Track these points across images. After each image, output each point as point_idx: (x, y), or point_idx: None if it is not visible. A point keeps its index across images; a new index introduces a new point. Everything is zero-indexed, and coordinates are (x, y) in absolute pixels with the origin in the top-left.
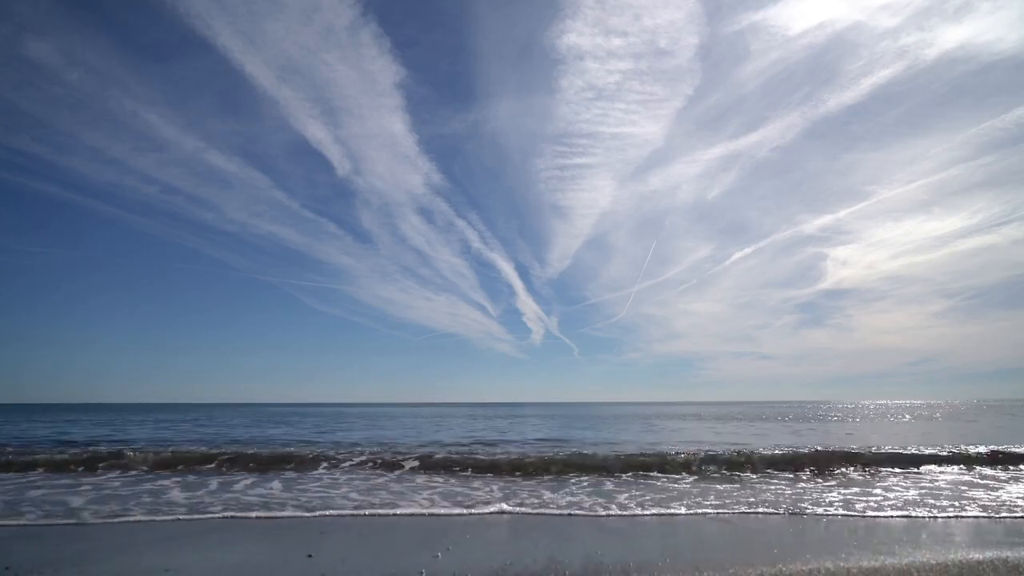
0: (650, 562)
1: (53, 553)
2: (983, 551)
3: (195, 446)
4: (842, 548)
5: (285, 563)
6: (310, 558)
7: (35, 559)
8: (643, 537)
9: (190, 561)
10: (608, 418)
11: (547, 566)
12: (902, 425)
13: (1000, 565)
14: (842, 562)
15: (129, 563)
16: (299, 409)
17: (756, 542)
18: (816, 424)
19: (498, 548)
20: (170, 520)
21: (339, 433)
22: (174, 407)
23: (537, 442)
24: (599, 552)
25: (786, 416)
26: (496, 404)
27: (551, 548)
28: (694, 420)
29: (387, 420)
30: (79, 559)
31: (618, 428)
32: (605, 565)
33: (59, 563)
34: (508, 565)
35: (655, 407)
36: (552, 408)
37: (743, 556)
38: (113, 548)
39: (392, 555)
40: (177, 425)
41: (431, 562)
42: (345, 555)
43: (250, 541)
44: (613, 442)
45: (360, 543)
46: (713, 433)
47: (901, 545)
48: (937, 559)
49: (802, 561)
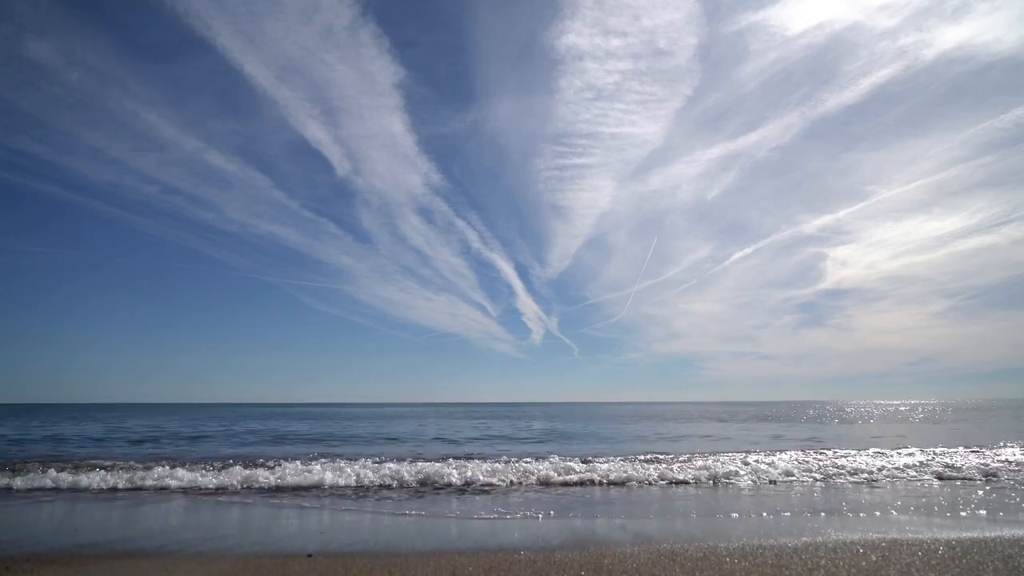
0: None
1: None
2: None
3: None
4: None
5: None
6: (310, 557)
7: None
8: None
9: (191, 561)
10: (593, 418)
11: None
12: (866, 426)
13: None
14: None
15: (130, 563)
16: (299, 410)
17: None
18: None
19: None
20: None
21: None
22: (174, 408)
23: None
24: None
25: (773, 417)
26: (496, 404)
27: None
28: (690, 420)
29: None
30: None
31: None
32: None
33: (60, 562)
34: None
35: (655, 407)
36: (549, 408)
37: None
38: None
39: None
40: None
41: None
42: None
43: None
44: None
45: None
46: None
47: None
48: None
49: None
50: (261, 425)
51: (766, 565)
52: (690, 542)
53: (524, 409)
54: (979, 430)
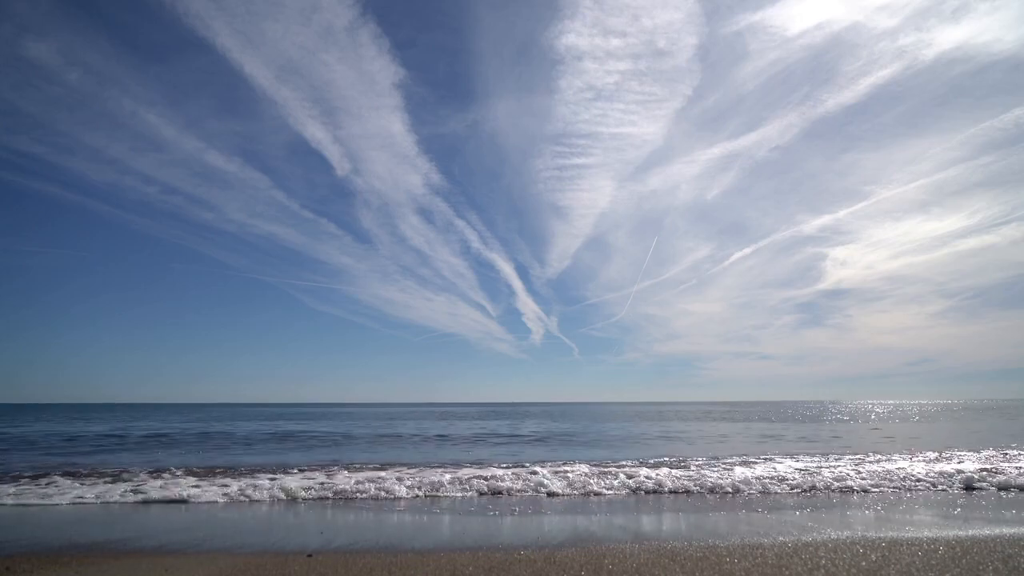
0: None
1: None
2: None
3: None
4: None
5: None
6: (310, 557)
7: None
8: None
9: (191, 561)
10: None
11: None
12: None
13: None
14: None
15: (130, 562)
16: (299, 409)
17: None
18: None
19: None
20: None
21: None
22: (176, 407)
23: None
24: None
25: (760, 416)
26: (496, 404)
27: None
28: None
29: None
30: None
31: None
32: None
33: (61, 561)
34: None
35: (655, 407)
36: (551, 408)
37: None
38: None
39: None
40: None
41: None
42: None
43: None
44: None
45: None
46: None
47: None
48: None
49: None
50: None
51: (766, 565)
52: (689, 541)
53: (542, 409)
54: (996, 431)
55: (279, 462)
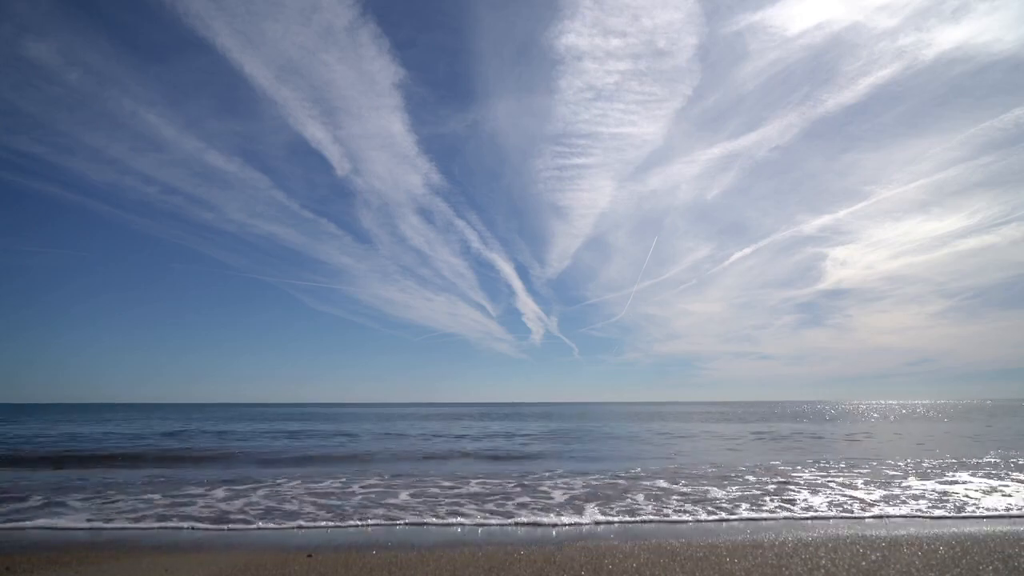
0: None
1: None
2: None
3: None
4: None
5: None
6: (310, 558)
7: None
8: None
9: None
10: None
11: None
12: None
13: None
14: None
15: (130, 562)
16: (299, 409)
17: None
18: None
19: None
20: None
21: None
22: (176, 407)
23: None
24: None
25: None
26: (496, 404)
27: None
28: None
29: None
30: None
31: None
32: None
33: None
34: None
35: (654, 407)
36: (549, 408)
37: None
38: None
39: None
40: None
41: None
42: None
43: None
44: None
45: None
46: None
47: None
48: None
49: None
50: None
51: (766, 565)
52: (689, 540)
53: (542, 410)
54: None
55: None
